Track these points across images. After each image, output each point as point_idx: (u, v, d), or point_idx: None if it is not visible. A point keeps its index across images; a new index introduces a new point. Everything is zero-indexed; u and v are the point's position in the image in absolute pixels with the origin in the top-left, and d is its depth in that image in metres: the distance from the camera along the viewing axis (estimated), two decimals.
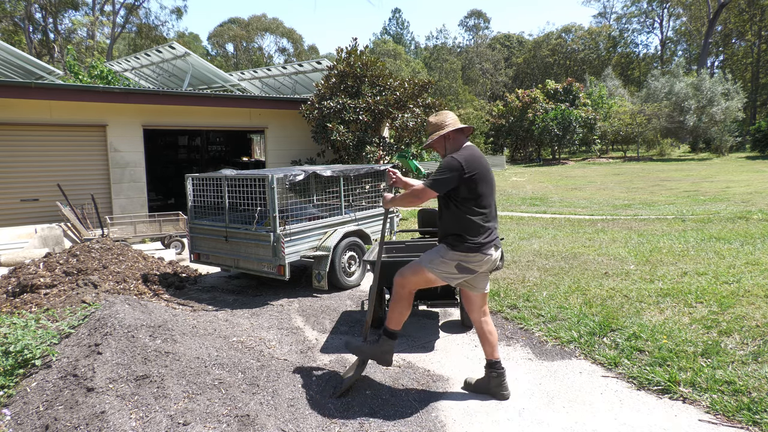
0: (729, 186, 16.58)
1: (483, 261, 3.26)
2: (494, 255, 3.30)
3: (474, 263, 3.25)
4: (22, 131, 9.56)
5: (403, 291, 3.45)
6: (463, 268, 3.27)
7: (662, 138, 36.60)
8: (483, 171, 3.24)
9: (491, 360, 3.46)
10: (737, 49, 54.24)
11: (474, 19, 69.66)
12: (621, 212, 11.74)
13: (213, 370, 3.51)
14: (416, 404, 3.41)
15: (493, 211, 3.35)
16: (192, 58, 16.16)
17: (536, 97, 36.73)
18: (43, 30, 40.45)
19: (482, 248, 3.23)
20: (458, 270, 3.28)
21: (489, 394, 3.48)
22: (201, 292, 6.45)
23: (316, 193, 7.61)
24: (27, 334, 3.62)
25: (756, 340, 3.84)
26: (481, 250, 3.23)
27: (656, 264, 6.33)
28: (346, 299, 5.98)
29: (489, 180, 3.30)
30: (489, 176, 3.30)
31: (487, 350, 3.47)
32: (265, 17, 59.58)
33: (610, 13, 64.90)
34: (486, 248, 3.24)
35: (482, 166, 3.26)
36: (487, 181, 3.27)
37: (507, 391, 3.44)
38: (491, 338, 3.45)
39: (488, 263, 3.30)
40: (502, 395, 3.42)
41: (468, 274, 3.30)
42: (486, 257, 3.26)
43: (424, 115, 12.26)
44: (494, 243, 3.30)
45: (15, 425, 2.92)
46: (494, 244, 3.30)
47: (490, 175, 3.33)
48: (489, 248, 3.26)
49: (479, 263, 3.26)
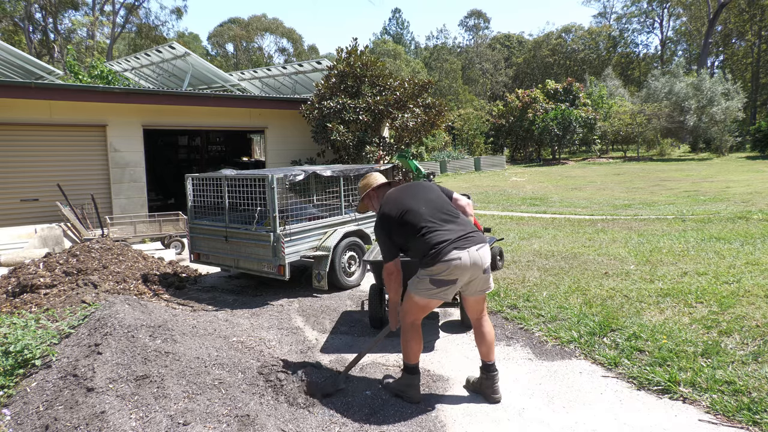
0: (729, 186, 16.58)
1: (452, 268, 3.10)
2: (464, 259, 3.10)
3: (443, 273, 3.11)
4: (22, 131, 9.56)
5: (405, 322, 3.39)
6: (437, 281, 3.15)
7: (662, 138, 36.59)
8: (401, 203, 3.31)
9: (486, 362, 3.45)
10: (737, 49, 54.25)
11: (474, 19, 69.67)
12: (621, 212, 11.73)
13: (213, 370, 3.51)
14: (416, 405, 3.41)
15: (437, 220, 3.23)
16: (192, 58, 16.17)
17: (536, 97, 36.73)
18: (43, 30, 40.45)
19: (439, 257, 3.08)
20: (434, 284, 3.16)
21: (481, 395, 3.49)
22: (201, 292, 6.45)
23: (316, 193, 7.61)
24: (27, 334, 3.62)
25: (756, 340, 3.84)
26: (438, 260, 3.08)
27: (656, 264, 6.33)
28: (346, 299, 5.98)
29: (416, 200, 3.32)
30: (414, 198, 3.34)
31: (482, 351, 3.46)
32: (265, 17, 59.62)
33: (610, 13, 64.99)
34: (443, 255, 3.08)
35: (398, 199, 3.35)
36: (412, 206, 3.28)
37: (498, 394, 3.42)
38: (487, 340, 3.43)
39: (462, 269, 3.11)
40: (493, 398, 3.41)
41: (448, 285, 3.17)
42: (452, 263, 3.08)
43: (424, 115, 12.27)
44: (455, 247, 3.11)
45: (15, 425, 2.91)
46: (456, 248, 3.10)
47: (417, 192, 3.39)
48: (447, 254, 3.08)
49: (448, 272, 3.10)
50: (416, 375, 3.45)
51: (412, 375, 3.44)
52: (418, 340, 3.40)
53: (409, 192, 3.42)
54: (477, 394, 3.52)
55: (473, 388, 3.57)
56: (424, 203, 3.32)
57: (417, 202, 3.33)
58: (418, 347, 3.41)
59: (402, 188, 3.51)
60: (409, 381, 3.44)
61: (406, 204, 3.31)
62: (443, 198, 3.45)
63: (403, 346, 3.42)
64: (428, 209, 3.29)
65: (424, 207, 3.30)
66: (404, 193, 3.42)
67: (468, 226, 3.32)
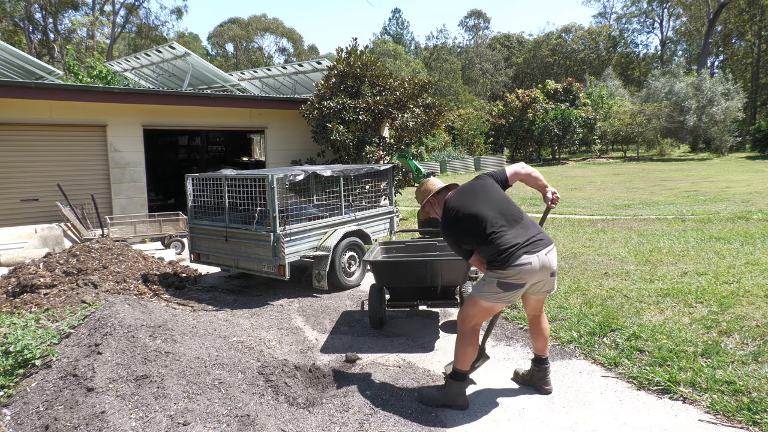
0: (729, 186, 16.58)
1: (523, 272, 3.06)
2: (535, 263, 3.06)
3: (513, 277, 3.08)
4: (22, 131, 9.56)
5: (464, 327, 3.30)
6: (506, 285, 3.11)
7: (662, 138, 36.60)
8: (464, 209, 3.25)
9: (539, 356, 3.52)
10: (737, 49, 54.24)
11: (474, 19, 69.69)
12: (621, 212, 11.74)
13: (213, 370, 3.51)
14: (416, 404, 3.41)
15: (504, 222, 3.17)
16: (192, 58, 16.16)
17: (536, 97, 36.74)
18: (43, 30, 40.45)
19: (510, 261, 3.05)
20: (502, 288, 3.12)
21: (532, 386, 3.56)
22: (201, 292, 6.45)
23: (316, 193, 7.61)
24: (27, 334, 3.62)
25: (756, 340, 3.84)
26: (510, 264, 3.05)
27: (656, 264, 6.33)
28: (346, 299, 5.98)
29: (478, 203, 3.24)
30: (476, 202, 3.25)
31: (537, 346, 3.53)
32: (265, 17, 59.62)
33: (610, 13, 64.99)
34: (514, 260, 3.05)
35: (460, 206, 3.28)
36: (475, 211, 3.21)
37: (549, 386, 3.50)
38: (543, 335, 3.49)
39: (532, 273, 3.08)
40: (545, 389, 3.49)
41: (517, 289, 3.14)
42: (524, 267, 3.05)
43: (424, 115, 12.25)
44: (526, 251, 3.07)
45: (15, 425, 2.91)
46: (526, 252, 3.07)
47: (478, 194, 3.30)
48: (518, 258, 3.05)
49: (518, 276, 3.08)
50: (465, 382, 3.38)
51: (462, 382, 3.35)
52: (475, 345, 3.33)
53: (469, 196, 3.32)
54: (477, 394, 3.52)
55: (523, 380, 3.64)
56: (487, 206, 3.23)
57: (480, 205, 3.24)
58: (473, 354, 3.34)
59: (461, 192, 3.39)
60: (458, 389, 3.34)
61: (469, 209, 3.23)
62: (504, 197, 3.33)
63: (459, 351, 3.31)
64: (492, 212, 3.20)
65: (487, 210, 3.20)
66: (465, 198, 3.32)
67: (534, 227, 3.24)
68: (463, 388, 3.37)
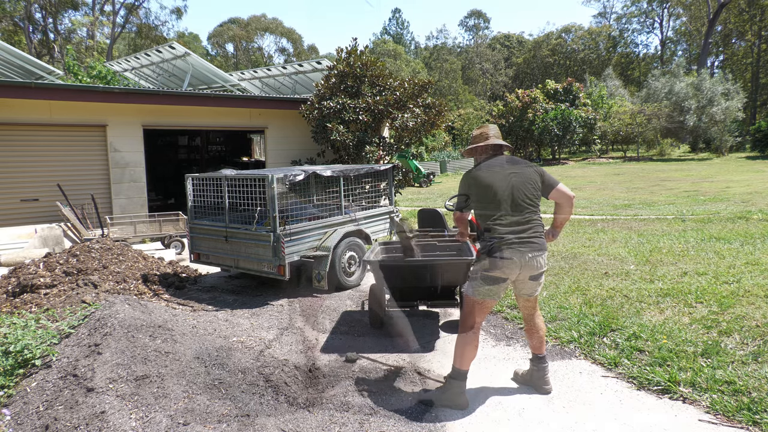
0: (729, 186, 16.58)
1: (501, 266, 3.17)
2: (516, 259, 3.16)
3: (493, 270, 3.19)
4: (22, 131, 9.56)
5: (466, 326, 3.36)
6: (488, 278, 3.22)
7: (662, 138, 36.62)
8: (492, 178, 3.30)
9: (536, 354, 3.54)
10: (737, 49, 54.24)
11: (474, 19, 69.74)
12: (621, 212, 11.74)
13: (213, 370, 3.51)
14: (416, 404, 3.41)
15: (509, 212, 3.23)
16: (192, 58, 16.16)
17: (536, 97, 36.74)
18: (43, 30, 40.45)
19: (492, 252, 3.18)
20: (485, 282, 3.23)
21: (532, 387, 3.56)
22: (201, 292, 6.45)
23: (316, 193, 7.61)
24: (27, 334, 3.62)
25: (756, 340, 3.84)
26: (491, 255, 3.18)
27: (656, 264, 6.33)
28: (346, 299, 5.98)
29: (505, 181, 3.28)
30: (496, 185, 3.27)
31: (533, 344, 3.55)
32: (265, 17, 59.66)
33: (610, 13, 65.00)
34: (496, 250, 3.17)
35: (491, 174, 3.32)
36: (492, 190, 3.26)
37: (549, 385, 3.51)
38: (538, 334, 3.51)
39: (511, 268, 3.18)
40: (544, 389, 3.49)
41: (500, 283, 3.23)
42: (501, 261, 3.16)
43: (424, 115, 12.25)
44: (511, 247, 3.17)
45: (15, 425, 2.91)
46: (510, 248, 3.17)
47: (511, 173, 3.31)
48: (500, 251, 3.16)
49: (499, 270, 3.18)
50: (464, 381, 3.39)
51: (461, 381, 3.37)
52: (476, 345, 3.36)
53: (504, 170, 3.34)
54: (476, 394, 3.52)
55: (523, 380, 3.64)
56: (508, 188, 3.27)
57: (504, 183, 3.28)
58: (473, 353, 3.36)
59: (500, 162, 3.41)
60: (458, 389, 3.35)
61: (495, 182, 3.29)
62: (529, 190, 3.31)
63: (459, 351, 3.35)
64: (507, 196, 3.25)
65: (506, 191, 3.26)
66: (500, 170, 3.35)
67: (532, 229, 3.26)
68: (462, 387, 3.38)
